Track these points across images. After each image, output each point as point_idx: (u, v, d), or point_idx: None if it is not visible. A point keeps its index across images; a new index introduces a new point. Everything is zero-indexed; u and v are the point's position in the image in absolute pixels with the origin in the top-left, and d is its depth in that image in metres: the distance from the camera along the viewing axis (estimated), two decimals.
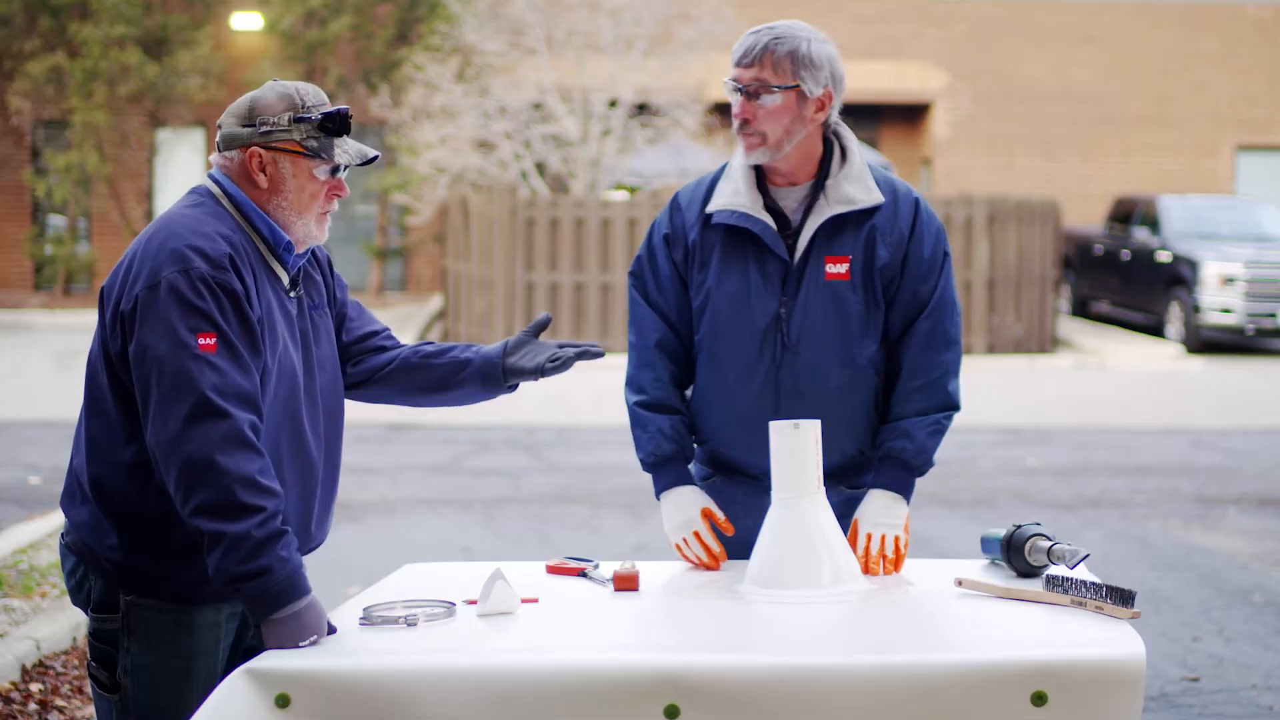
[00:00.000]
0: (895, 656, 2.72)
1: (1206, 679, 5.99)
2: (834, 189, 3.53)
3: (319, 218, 3.11)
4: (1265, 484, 10.39)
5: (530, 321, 3.86)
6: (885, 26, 24.98)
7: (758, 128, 3.48)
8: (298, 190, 3.07)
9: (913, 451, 3.51)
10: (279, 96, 3.06)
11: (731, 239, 3.56)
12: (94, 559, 3.03)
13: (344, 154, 3.07)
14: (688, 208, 3.64)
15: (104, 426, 3.01)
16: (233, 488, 2.83)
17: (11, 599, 6.47)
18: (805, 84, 3.46)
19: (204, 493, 2.83)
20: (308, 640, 2.86)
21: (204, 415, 2.85)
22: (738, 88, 3.49)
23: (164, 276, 2.91)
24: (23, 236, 23.49)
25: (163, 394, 2.87)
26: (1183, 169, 25.32)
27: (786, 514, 3.20)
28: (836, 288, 3.52)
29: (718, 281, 3.56)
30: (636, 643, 2.90)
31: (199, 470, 2.84)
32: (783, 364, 3.53)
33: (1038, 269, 18.39)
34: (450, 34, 20.71)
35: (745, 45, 3.49)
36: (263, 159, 3.05)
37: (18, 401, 13.73)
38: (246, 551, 2.83)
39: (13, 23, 22.55)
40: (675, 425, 3.59)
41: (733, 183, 3.59)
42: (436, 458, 11.08)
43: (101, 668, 3.06)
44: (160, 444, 2.87)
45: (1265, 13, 25.45)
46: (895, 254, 3.53)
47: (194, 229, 2.98)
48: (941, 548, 8.17)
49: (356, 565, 6.73)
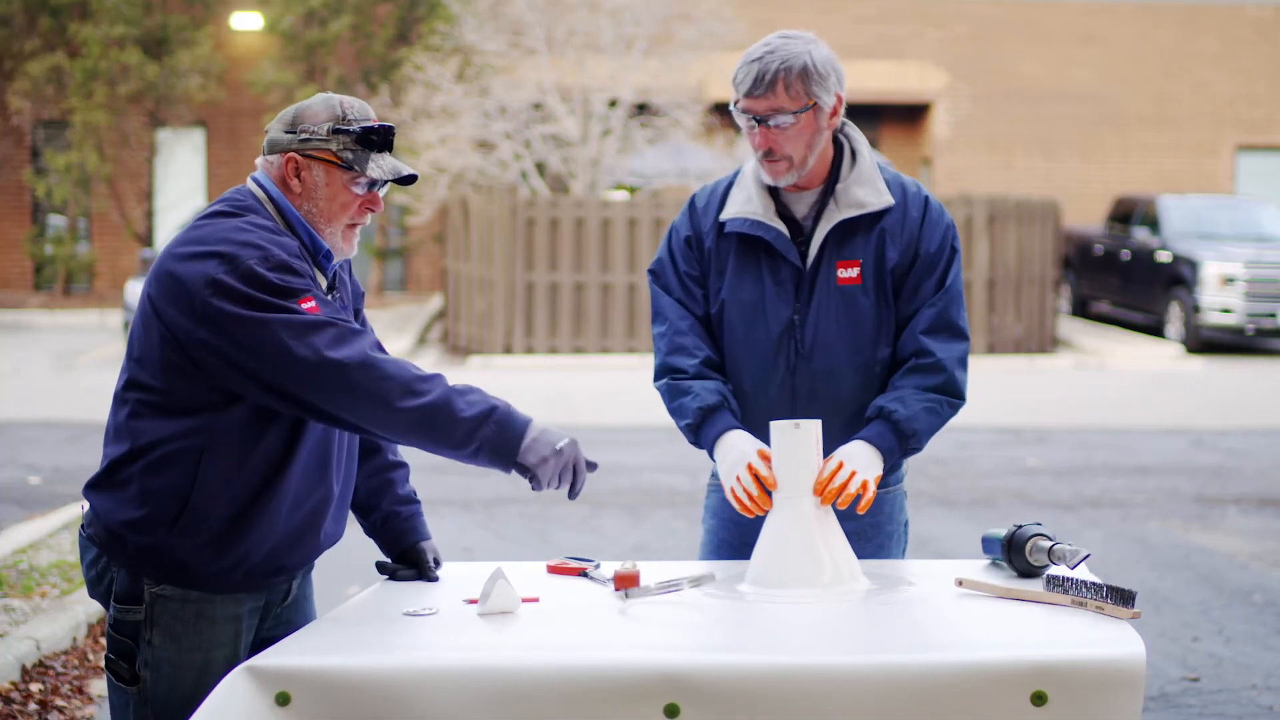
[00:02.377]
0: (895, 656, 2.72)
1: (1206, 679, 5.99)
2: (844, 193, 3.54)
3: (347, 230, 3.14)
4: (1265, 484, 10.39)
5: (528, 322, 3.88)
6: (885, 26, 24.99)
7: (782, 153, 3.47)
8: (328, 199, 3.10)
9: (903, 416, 3.44)
10: (324, 106, 3.11)
11: (745, 247, 3.57)
12: (119, 547, 3.03)
13: (378, 169, 3.10)
14: (704, 212, 3.65)
15: (150, 414, 3.01)
16: (405, 368, 2.95)
17: (11, 599, 6.47)
18: (820, 99, 3.45)
19: (388, 385, 2.91)
20: (564, 441, 2.97)
21: (343, 337, 2.93)
22: (755, 119, 3.45)
23: (243, 266, 2.92)
24: (23, 236, 23.49)
25: (295, 338, 2.90)
26: (1183, 169, 25.33)
27: (787, 514, 3.20)
28: (848, 292, 3.52)
29: (732, 290, 3.57)
30: (637, 643, 2.90)
31: (370, 372, 2.91)
32: (797, 370, 3.54)
33: (1038, 269, 18.40)
34: (450, 34, 20.72)
35: (752, 75, 3.44)
36: (299, 165, 3.09)
37: (18, 401, 13.73)
38: (462, 404, 2.93)
39: (13, 23, 22.56)
40: (718, 385, 3.56)
41: (745, 190, 3.58)
42: (436, 458, 11.06)
43: (121, 660, 3.07)
44: (313, 374, 2.90)
45: (1265, 13, 25.45)
46: (905, 253, 3.54)
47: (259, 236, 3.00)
48: (941, 548, 8.17)
49: (357, 565, 6.72)
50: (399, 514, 3.38)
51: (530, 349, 17.48)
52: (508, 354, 17.43)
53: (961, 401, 3.53)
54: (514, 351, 17.45)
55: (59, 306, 22.26)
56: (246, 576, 3.07)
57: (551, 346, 17.51)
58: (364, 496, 3.39)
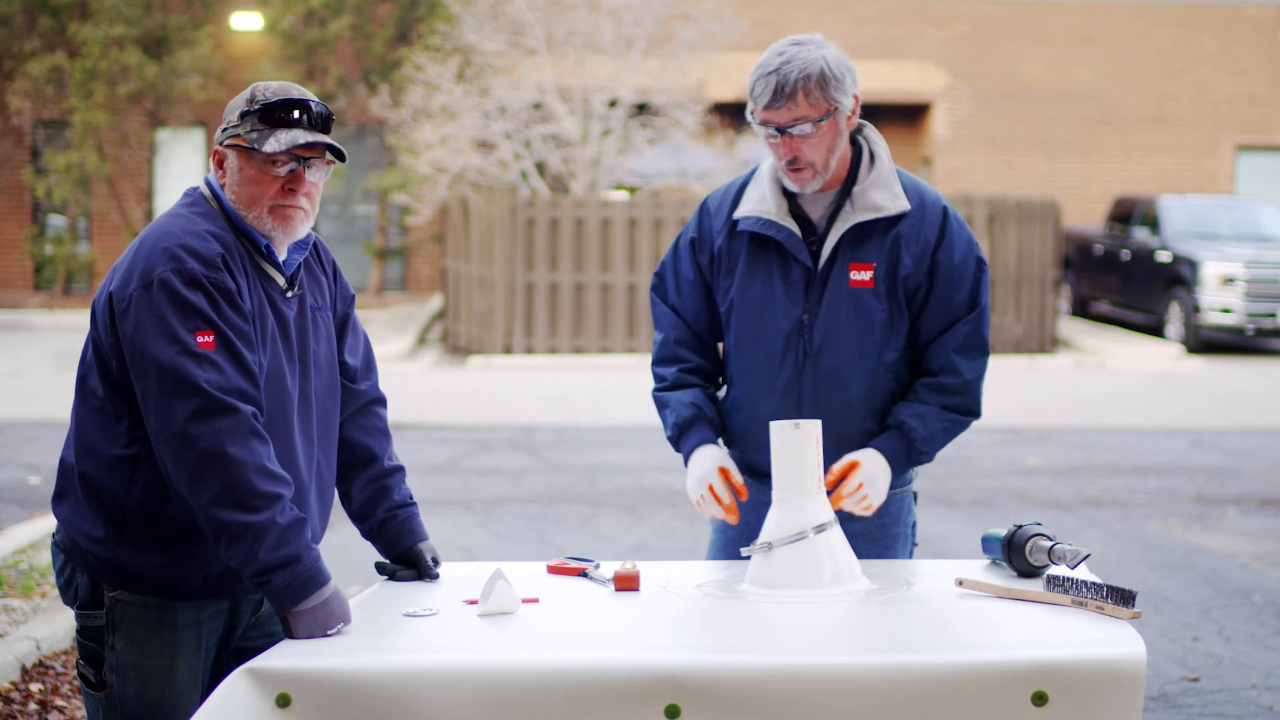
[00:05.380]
0: (895, 656, 2.72)
1: (1206, 679, 5.99)
2: (861, 196, 3.53)
3: (273, 212, 3.04)
4: (1265, 484, 10.39)
5: (528, 322, 3.90)
6: (885, 26, 24.98)
7: (806, 160, 3.47)
8: (244, 183, 3.05)
9: (921, 436, 3.54)
10: (244, 94, 3.08)
11: (757, 246, 3.57)
12: (80, 554, 3.04)
13: (275, 143, 3.01)
14: (715, 213, 3.65)
15: (93, 422, 3.02)
16: (249, 476, 2.84)
17: (11, 599, 6.46)
18: (839, 102, 3.45)
19: (220, 485, 2.84)
20: (335, 628, 2.87)
21: (209, 412, 2.86)
22: (777, 129, 3.44)
23: (157, 275, 2.92)
24: (23, 236, 23.48)
25: (165, 392, 2.87)
26: (1183, 169, 25.32)
27: (786, 514, 3.20)
28: (860, 295, 3.53)
29: (741, 289, 3.58)
30: (637, 643, 2.89)
31: (212, 463, 2.84)
32: (804, 370, 3.55)
33: (1038, 269, 18.40)
34: (450, 34, 20.71)
35: (771, 87, 3.41)
36: (221, 155, 3.08)
37: (18, 401, 13.73)
38: (274, 540, 2.84)
39: (13, 23, 22.55)
40: (697, 396, 3.64)
41: (760, 189, 3.59)
42: (436, 458, 11.08)
43: (89, 665, 3.07)
44: (167, 441, 2.87)
45: (1265, 13, 25.44)
46: (920, 263, 3.53)
47: (186, 229, 2.99)
48: (941, 548, 8.17)
49: (356, 565, 6.71)
50: (395, 517, 3.37)
51: (530, 349, 17.47)
52: (508, 354, 17.43)
53: (978, 418, 3.63)
54: (514, 351, 17.45)
55: (59, 306, 22.25)
56: (206, 583, 3.05)
57: (551, 346, 17.51)
58: (360, 504, 3.37)
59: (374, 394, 3.39)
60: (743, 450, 3.66)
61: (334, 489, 3.28)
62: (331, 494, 3.26)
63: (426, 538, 3.40)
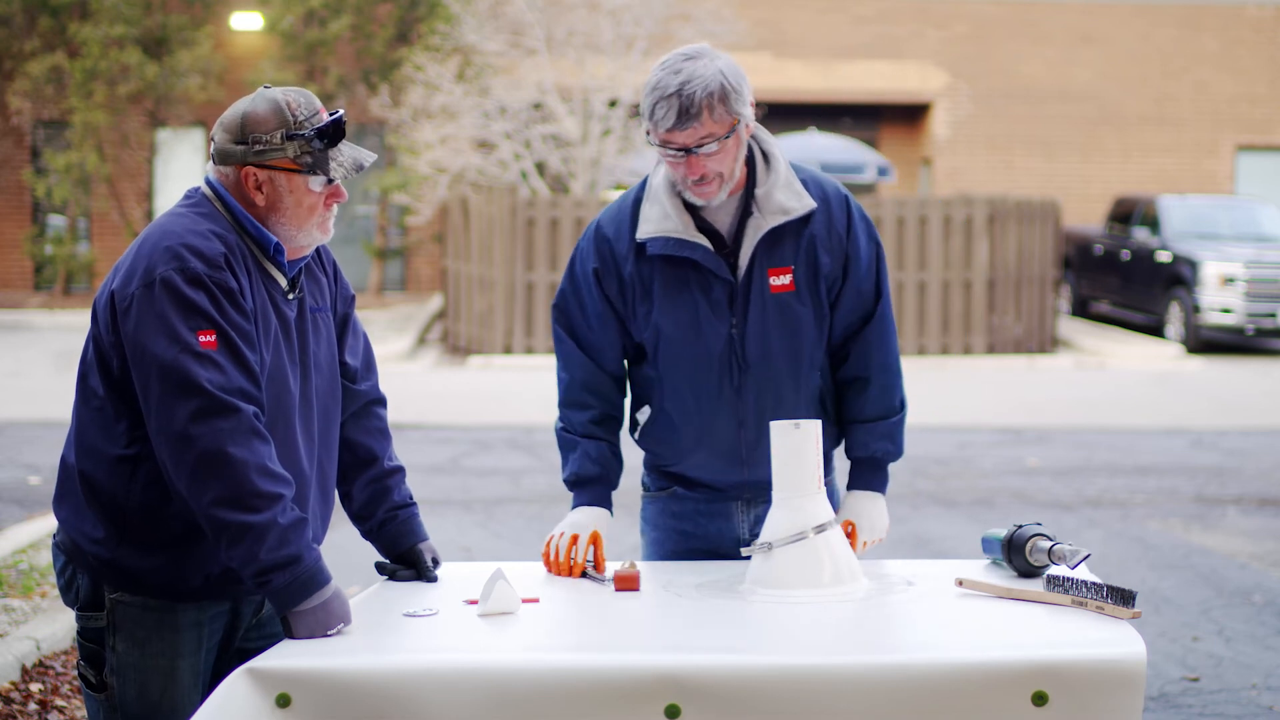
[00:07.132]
0: (895, 656, 2.72)
1: (1206, 679, 5.99)
2: (765, 199, 3.45)
3: (320, 224, 3.11)
4: (1265, 484, 10.39)
5: (528, 322, 3.88)
6: (885, 26, 24.98)
7: (712, 174, 3.37)
8: (295, 205, 3.05)
9: (895, 453, 3.62)
10: (270, 111, 3.01)
11: (671, 268, 3.46)
12: (80, 555, 3.04)
13: (339, 167, 3.05)
14: (616, 238, 3.50)
15: (94, 422, 3.02)
16: (250, 477, 2.84)
17: (11, 599, 6.47)
18: (742, 114, 3.36)
19: (220, 485, 2.84)
20: (335, 629, 2.87)
21: (211, 412, 2.85)
22: (682, 150, 3.32)
23: (159, 274, 2.91)
24: (23, 236, 23.49)
25: (166, 392, 2.87)
26: (1182, 169, 25.32)
27: (786, 514, 3.20)
28: (783, 299, 3.48)
29: (664, 313, 3.47)
30: (637, 643, 2.89)
31: (212, 463, 2.84)
32: (742, 384, 3.50)
33: (1038, 269, 18.39)
34: (450, 34, 20.71)
35: (674, 109, 3.29)
36: (258, 178, 3.03)
37: (18, 401, 13.73)
38: (275, 540, 2.84)
39: (13, 23, 22.55)
40: (603, 453, 3.61)
41: (659, 206, 3.46)
42: (436, 458, 11.08)
43: (89, 667, 3.07)
44: (168, 441, 2.87)
45: (1265, 13, 25.45)
46: (837, 259, 3.50)
47: (189, 228, 2.99)
48: (941, 548, 8.17)
49: (356, 565, 6.71)
50: (396, 518, 3.36)
51: (530, 349, 17.47)
52: (508, 354, 17.43)
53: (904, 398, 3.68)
54: (514, 351, 17.45)
55: (59, 306, 22.25)
56: (207, 583, 3.05)
57: (551, 346, 17.49)
58: (361, 504, 3.37)
59: (374, 394, 3.39)
60: (682, 468, 3.63)
61: (334, 489, 3.28)
62: (333, 494, 3.26)
63: (427, 538, 3.40)
